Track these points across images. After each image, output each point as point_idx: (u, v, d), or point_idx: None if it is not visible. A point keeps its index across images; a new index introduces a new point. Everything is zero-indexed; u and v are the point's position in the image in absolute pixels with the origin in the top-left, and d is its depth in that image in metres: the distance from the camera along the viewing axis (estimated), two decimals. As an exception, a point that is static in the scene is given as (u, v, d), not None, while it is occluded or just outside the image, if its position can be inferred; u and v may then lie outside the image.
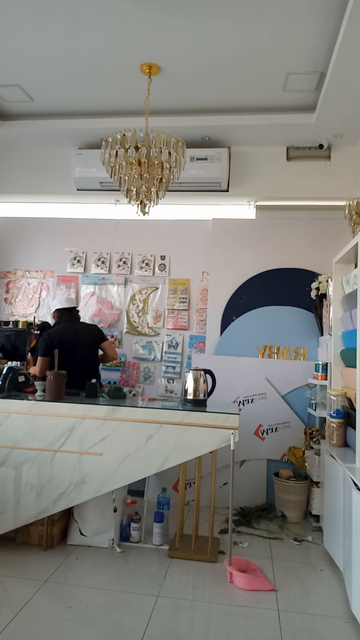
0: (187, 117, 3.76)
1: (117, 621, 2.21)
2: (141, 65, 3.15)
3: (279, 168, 4.09)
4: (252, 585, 2.55)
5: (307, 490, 3.59)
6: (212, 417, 2.76)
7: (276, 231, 4.27)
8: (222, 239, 4.33)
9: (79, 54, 3.09)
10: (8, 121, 3.98)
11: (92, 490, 2.79)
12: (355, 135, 3.80)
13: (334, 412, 2.99)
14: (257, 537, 3.24)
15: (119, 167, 2.93)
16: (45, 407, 2.87)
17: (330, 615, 2.33)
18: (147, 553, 2.93)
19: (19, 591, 2.42)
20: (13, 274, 4.71)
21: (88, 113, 3.85)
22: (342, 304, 3.35)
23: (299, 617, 2.29)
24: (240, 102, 3.58)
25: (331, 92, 3.17)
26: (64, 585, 2.51)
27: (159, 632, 2.14)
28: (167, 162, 2.92)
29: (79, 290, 4.58)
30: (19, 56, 3.13)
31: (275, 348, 4.08)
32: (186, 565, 2.79)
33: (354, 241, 2.89)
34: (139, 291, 4.49)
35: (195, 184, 4.01)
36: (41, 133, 4.06)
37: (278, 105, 3.61)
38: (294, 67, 3.12)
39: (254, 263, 4.24)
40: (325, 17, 2.64)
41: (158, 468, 2.77)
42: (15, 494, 2.84)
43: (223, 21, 2.72)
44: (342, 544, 2.51)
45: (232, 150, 4.12)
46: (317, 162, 4.04)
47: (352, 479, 2.33)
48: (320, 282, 3.89)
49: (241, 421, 2.80)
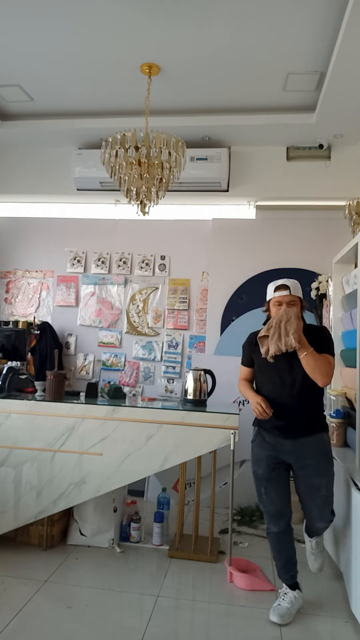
0: (187, 117, 3.76)
1: (117, 621, 2.21)
2: (141, 65, 3.15)
3: (279, 168, 4.09)
4: (252, 585, 2.55)
5: (307, 490, 3.59)
6: (212, 417, 2.76)
7: (276, 231, 4.27)
8: (222, 239, 4.33)
9: (79, 54, 3.09)
10: (8, 121, 3.98)
11: (92, 490, 2.78)
12: (355, 135, 3.80)
13: (334, 412, 2.98)
14: (257, 537, 3.24)
15: (119, 167, 2.93)
16: (45, 407, 2.87)
17: (330, 615, 2.33)
18: (147, 553, 2.93)
19: (19, 591, 2.42)
20: (13, 274, 4.71)
21: (88, 113, 3.85)
22: (342, 304, 3.35)
23: (299, 617, 2.29)
24: (240, 102, 3.58)
25: (331, 92, 3.17)
26: (64, 585, 2.51)
27: (159, 632, 2.14)
28: (167, 162, 2.92)
29: (79, 290, 4.58)
30: (19, 56, 3.13)
31: (275, 348, 4.08)
32: (186, 565, 2.79)
33: (354, 241, 2.89)
34: (139, 291, 4.49)
35: (195, 184, 4.01)
36: (41, 133, 4.06)
37: (278, 105, 3.61)
38: (294, 67, 3.11)
39: (254, 263, 4.24)
40: (325, 17, 2.64)
41: (158, 468, 2.77)
42: (15, 494, 2.84)
43: (223, 21, 2.72)
44: (342, 544, 2.51)
45: (232, 150, 4.12)
46: (317, 162, 4.03)
47: (352, 479, 2.33)
48: (320, 282, 3.89)
49: (241, 421, 2.80)
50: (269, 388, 2.36)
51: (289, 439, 2.30)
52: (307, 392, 2.29)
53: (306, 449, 2.28)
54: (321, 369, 2.21)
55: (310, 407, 2.32)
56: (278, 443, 2.32)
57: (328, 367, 2.24)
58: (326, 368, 2.23)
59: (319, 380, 2.22)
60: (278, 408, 2.30)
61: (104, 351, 4.46)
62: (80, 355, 4.48)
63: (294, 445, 2.29)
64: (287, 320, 2.21)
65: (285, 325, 2.20)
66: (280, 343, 2.20)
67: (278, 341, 2.20)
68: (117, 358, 4.43)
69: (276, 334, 2.22)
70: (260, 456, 2.37)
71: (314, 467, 2.27)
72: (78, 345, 4.51)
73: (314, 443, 2.29)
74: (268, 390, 2.37)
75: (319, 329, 2.41)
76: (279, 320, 2.23)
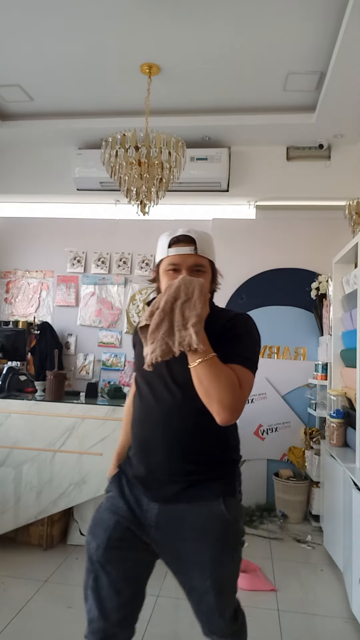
0: (187, 117, 3.76)
1: (117, 621, 2.21)
2: (141, 65, 3.15)
3: (279, 168, 4.08)
4: (252, 585, 2.55)
5: (307, 490, 3.59)
6: (212, 417, 2.75)
7: (276, 231, 4.27)
8: (222, 239, 4.32)
9: (79, 54, 3.09)
10: (8, 121, 3.98)
11: (92, 490, 2.78)
12: (355, 135, 3.80)
13: (334, 412, 2.99)
14: (257, 537, 3.24)
15: (119, 167, 2.93)
16: (45, 407, 2.87)
17: (330, 615, 2.33)
18: (147, 553, 2.93)
19: (19, 591, 2.42)
20: (13, 274, 4.71)
21: (88, 113, 3.84)
22: (342, 304, 3.35)
23: (299, 617, 2.29)
24: (240, 102, 3.58)
25: (331, 92, 3.17)
26: (64, 585, 2.51)
27: (159, 632, 2.14)
28: (167, 162, 2.92)
29: (79, 290, 4.58)
30: (19, 56, 3.13)
31: (275, 348, 4.08)
32: (186, 565, 2.79)
33: (354, 241, 2.89)
34: (139, 291, 4.49)
35: (195, 184, 4.01)
36: (41, 133, 4.06)
37: (278, 105, 3.61)
38: (294, 67, 3.11)
39: (254, 263, 4.24)
40: (325, 17, 2.64)
41: (158, 468, 2.77)
42: (15, 494, 2.84)
43: (223, 21, 2.72)
44: (342, 544, 2.51)
45: (232, 150, 4.12)
46: (317, 162, 4.03)
47: (352, 479, 2.33)
48: (320, 282, 3.89)
49: (241, 421, 2.79)
50: (138, 414, 1.45)
51: (155, 501, 1.36)
52: (197, 424, 1.33)
53: (184, 527, 1.33)
54: (221, 393, 1.21)
55: (201, 450, 1.35)
56: (137, 505, 1.38)
57: (234, 392, 1.22)
58: (231, 392, 1.22)
59: (216, 411, 1.23)
60: (144, 446, 1.40)
61: (104, 351, 4.46)
62: (80, 355, 4.48)
63: (162, 515, 1.35)
64: (187, 299, 1.24)
65: (183, 309, 1.23)
66: (172, 340, 1.21)
67: (167, 336, 1.22)
68: (117, 358, 4.43)
69: (164, 323, 1.22)
70: (104, 518, 1.40)
71: (194, 559, 1.34)
72: (78, 345, 4.51)
73: (202, 518, 1.33)
74: (137, 418, 1.45)
75: (236, 319, 1.39)
76: (172, 299, 1.24)
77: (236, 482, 1.45)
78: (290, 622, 2.25)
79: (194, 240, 1.38)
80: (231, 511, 1.36)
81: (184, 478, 1.34)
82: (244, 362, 1.30)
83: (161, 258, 1.42)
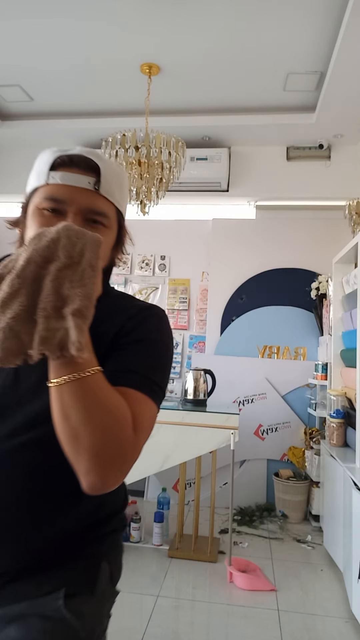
0: (187, 117, 3.76)
1: (117, 621, 2.20)
2: (141, 65, 3.15)
3: (279, 168, 4.08)
4: (252, 585, 2.55)
5: (307, 490, 3.59)
6: (212, 417, 2.76)
7: (276, 231, 4.27)
8: (222, 239, 4.33)
9: (79, 54, 3.09)
10: (8, 121, 3.98)
11: (92, 490, 2.78)
12: (355, 135, 3.80)
13: (334, 412, 2.99)
14: (257, 537, 3.24)
15: (119, 167, 2.93)
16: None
17: (330, 615, 2.33)
18: (147, 553, 2.93)
19: (19, 591, 2.42)
20: (13, 274, 4.71)
21: (88, 113, 3.84)
22: (342, 304, 3.35)
23: (299, 617, 2.29)
24: (240, 102, 3.58)
25: (331, 92, 3.17)
26: (64, 585, 2.51)
27: (159, 632, 2.14)
28: (167, 162, 2.92)
29: (79, 290, 4.58)
30: (19, 56, 3.13)
31: (275, 348, 4.08)
32: (186, 565, 2.79)
33: (354, 241, 2.89)
34: (139, 291, 4.48)
35: (195, 184, 4.01)
36: (41, 133, 4.06)
37: (278, 105, 3.61)
38: (294, 67, 3.11)
39: (254, 263, 4.24)
40: (325, 17, 2.64)
41: (158, 468, 2.77)
42: (15, 494, 2.84)
43: (223, 21, 2.72)
44: (342, 544, 2.51)
45: (232, 150, 4.12)
46: (317, 162, 4.03)
47: (352, 479, 2.33)
48: (320, 282, 3.89)
49: (241, 421, 2.80)
50: None
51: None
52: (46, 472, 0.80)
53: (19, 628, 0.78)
54: (99, 439, 0.67)
55: (51, 516, 0.82)
56: None
57: (122, 440, 0.71)
58: (117, 440, 0.70)
59: (85, 471, 0.68)
60: None
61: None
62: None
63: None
64: (70, 263, 0.66)
65: (60, 280, 0.65)
66: (29, 332, 0.63)
67: (21, 323, 0.63)
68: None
69: (19, 298, 0.64)
70: None
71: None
72: (78, 345, 4.50)
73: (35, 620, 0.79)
74: None
75: (141, 315, 0.91)
76: (41, 259, 0.66)
77: (105, 559, 0.92)
78: (290, 622, 2.25)
79: (97, 167, 0.83)
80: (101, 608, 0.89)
81: (21, 555, 0.83)
82: (146, 387, 0.79)
83: (35, 187, 0.85)
